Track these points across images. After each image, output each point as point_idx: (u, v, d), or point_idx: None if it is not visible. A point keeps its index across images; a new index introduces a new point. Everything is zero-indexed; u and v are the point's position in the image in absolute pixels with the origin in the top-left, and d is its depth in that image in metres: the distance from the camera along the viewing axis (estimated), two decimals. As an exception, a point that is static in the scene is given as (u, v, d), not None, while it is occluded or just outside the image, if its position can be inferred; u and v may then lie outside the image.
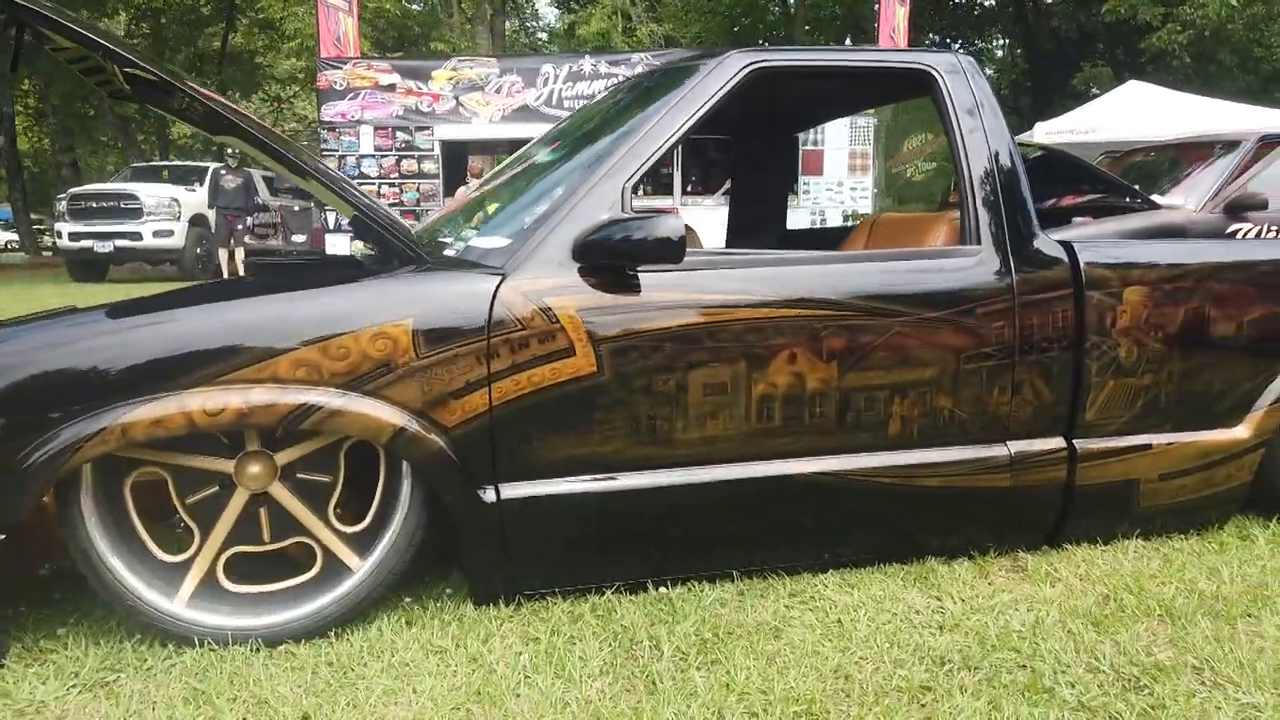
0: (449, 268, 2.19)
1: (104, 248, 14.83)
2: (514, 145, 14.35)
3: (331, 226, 14.54)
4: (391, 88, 14.59)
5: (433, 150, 14.36)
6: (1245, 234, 6.61)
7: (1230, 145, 7.29)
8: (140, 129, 27.08)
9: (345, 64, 14.65)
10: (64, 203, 15.34)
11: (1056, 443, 2.49)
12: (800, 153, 13.64)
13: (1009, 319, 2.39)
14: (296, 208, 16.43)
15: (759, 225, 3.92)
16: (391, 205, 14.39)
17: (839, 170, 13.93)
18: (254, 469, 2.04)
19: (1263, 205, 6.50)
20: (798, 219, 13.59)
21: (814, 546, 2.41)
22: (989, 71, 31.41)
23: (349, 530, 2.13)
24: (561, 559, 2.23)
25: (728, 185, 13.89)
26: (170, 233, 15.08)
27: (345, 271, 2.29)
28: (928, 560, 2.48)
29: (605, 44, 21.66)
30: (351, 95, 14.57)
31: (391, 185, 14.57)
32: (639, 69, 14.20)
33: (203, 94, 2.03)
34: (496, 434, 2.09)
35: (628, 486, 2.20)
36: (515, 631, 2.08)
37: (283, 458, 2.07)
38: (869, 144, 13.98)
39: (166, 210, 15.42)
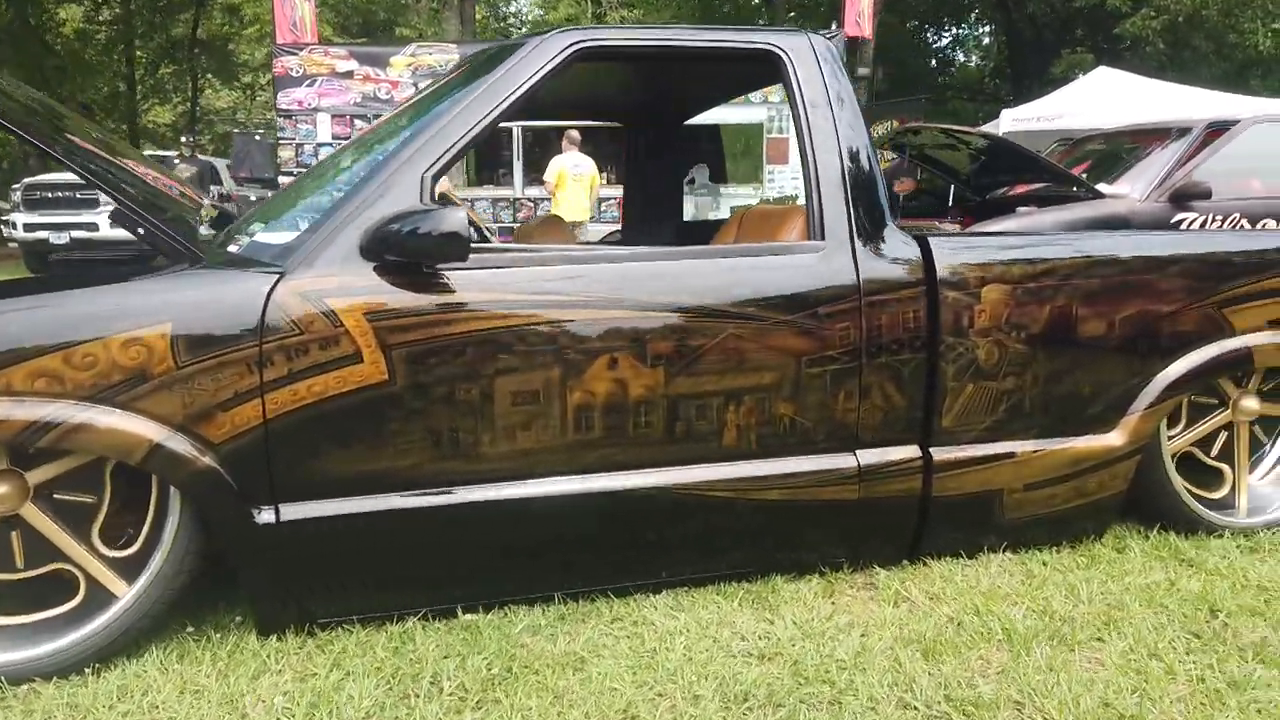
0: (225, 266, 2.00)
1: (60, 239, 14.50)
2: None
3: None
4: (349, 74, 14.26)
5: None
6: (1190, 224, 6.48)
7: (1181, 133, 7.14)
8: (109, 117, 26.62)
9: (301, 50, 14.34)
10: (18, 193, 15.00)
11: (910, 451, 2.33)
12: (765, 140, 13.49)
13: (855, 319, 2.22)
14: (254, 197, 16.13)
15: (653, 217, 3.75)
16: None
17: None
18: (1, 489, 1.86)
19: (1206, 194, 6.36)
20: (764, 209, 13.40)
21: (646, 566, 2.25)
22: (976, 59, 31.21)
23: (115, 555, 1.95)
24: (356, 585, 2.06)
25: (691, 174, 13.77)
26: None
27: (116, 271, 2.10)
28: (773, 579, 2.32)
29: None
30: (308, 82, 14.23)
31: (355, 174, 14.27)
32: (601, 55, 13.99)
33: None
34: (273, 450, 1.91)
35: (429, 505, 2.02)
36: (293, 667, 1.91)
37: (36, 476, 1.89)
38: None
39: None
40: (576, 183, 9.70)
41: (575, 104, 3.61)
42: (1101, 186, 7.11)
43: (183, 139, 14.85)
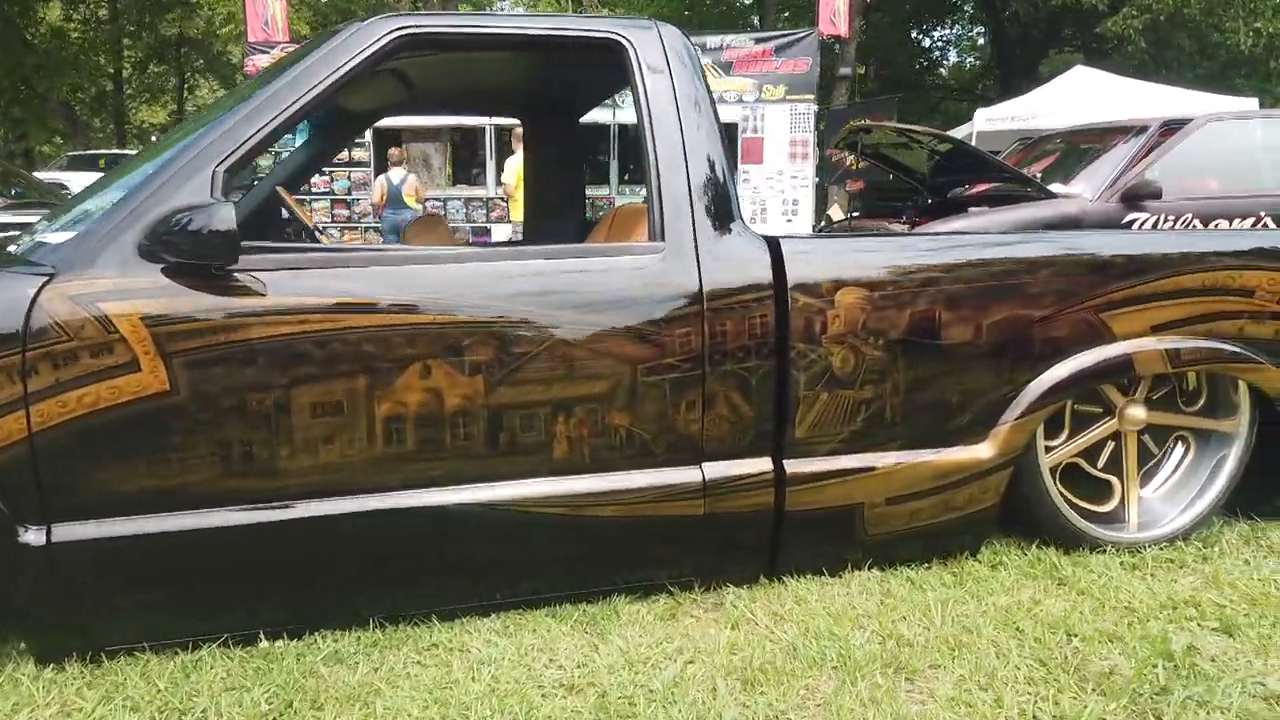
0: (-4, 267, 1.87)
1: (30, 238, 14.35)
2: (452, 131, 13.97)
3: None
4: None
5: (364, 137, 13.93)
6: (1141, 224, 6.37)
7: (1137, 132, 7.02)
8: (96, 115, 26.40)
9: (273, 49, 14.20)
10: (-10, 193, 14.85)
11: (761, 464, 2.20)
12: (740, 140, 13.37)
13: (696, 325, 2.09)
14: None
15: (554, 216, 3.61)
16: (322, 194, 14.02)
17: (779, 158, 13.59)
18: None
19: (1157, 194, 6.25)
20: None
21: (472, 588, 2.11)
22: (972, 60, 31.02)
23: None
24: (145, 610, 1.92)
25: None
26: None
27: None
28: (615, 600, 2.19)
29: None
30: (281, 81, 14.13)
31: (322, 173, 14.16)
32: (576, 52, 13.87)
33: None
34: (41, 466, 1.77)
35: (222, 524, 1.89)
36: (62, 700, 1.78)
37: None
38: (809, 131, 13.67)
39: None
40: None
41: (470, 98, 3.48)
42: (1055, 186, 7.00)
43: (152, 138, 14.69)
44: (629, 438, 2.09)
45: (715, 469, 2.16)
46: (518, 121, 11.19)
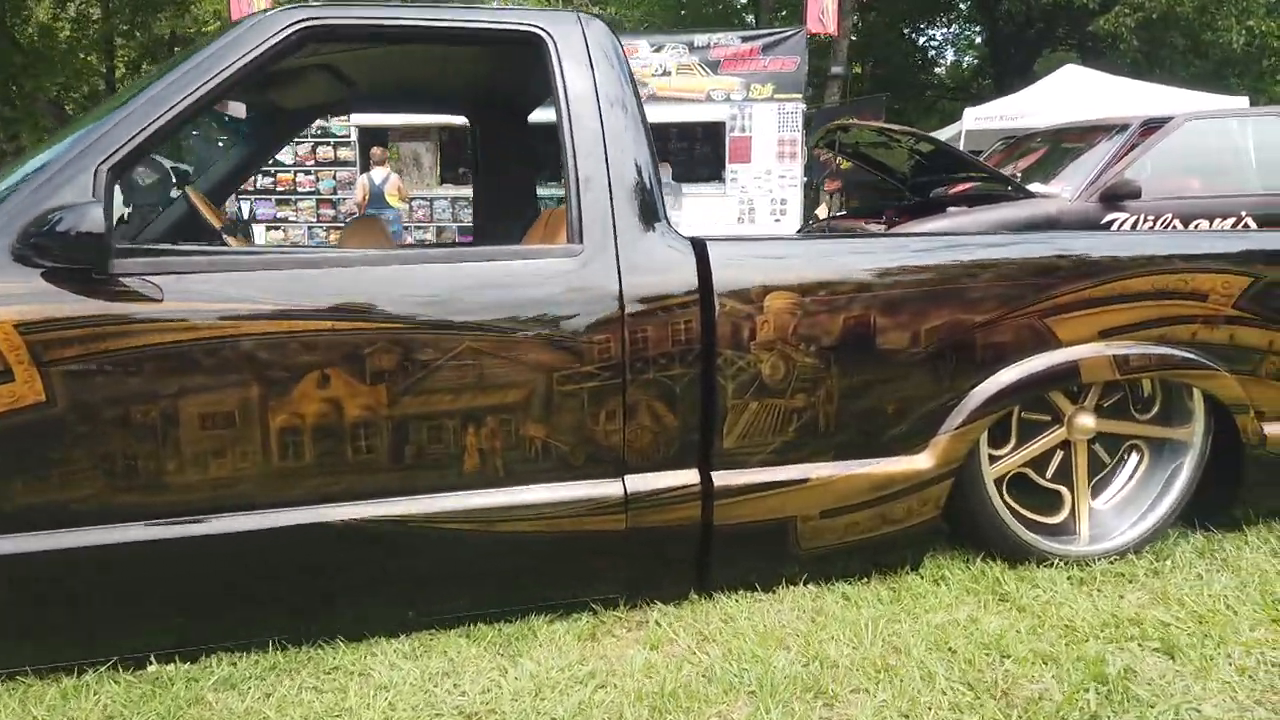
0: None
1: (8, 239, 14.24)
2: (441, 130, 13.83)
3: (245, 215, 14.07)
4: (306, 71, 14.06)
5: (349, 137, 13.85)
6: (1121, 224, 6.28)
7: (1118, 131, 6.93)
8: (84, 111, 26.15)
9: (258, 46, 14.09)
10: (-34, 191, 14.72)
11: (687, 477, 2.11)
12: (728, 139, 13.30)
13: (616, 331, 2.00)
14: (210, 196, 15.87)
15: (503, 218, 3.52)
16: (308, 193, 13.93)
17: (767, 158, 13.52)
18: None
19: (1135, 193, 6.16)
20: (726, 209, 13.24)
21: (379, 608, 2.02)
22: (971, 58, 30.86)
23: None
24: (24, 633, 1.83)
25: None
26: None
27: None
28: (535, 618, 2.10)
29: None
30: (266, 79, 14.04)
31: (307, 173, 14.09)
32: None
33: None
34: (-92, 482, 1.68)
35: (104, 542, 1.79)
36: (-74, 728, 1.69)
37: None
38: (797, 130, 13.60)
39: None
40: None
41: (412, 95, 3.38)
42: (1035, 186, 6.91)
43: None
44: (545, 450, 2.00)
45: (638, 482, 2.07)
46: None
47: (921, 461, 2.25)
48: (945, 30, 30.72)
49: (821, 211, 12.83)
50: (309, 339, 1.83)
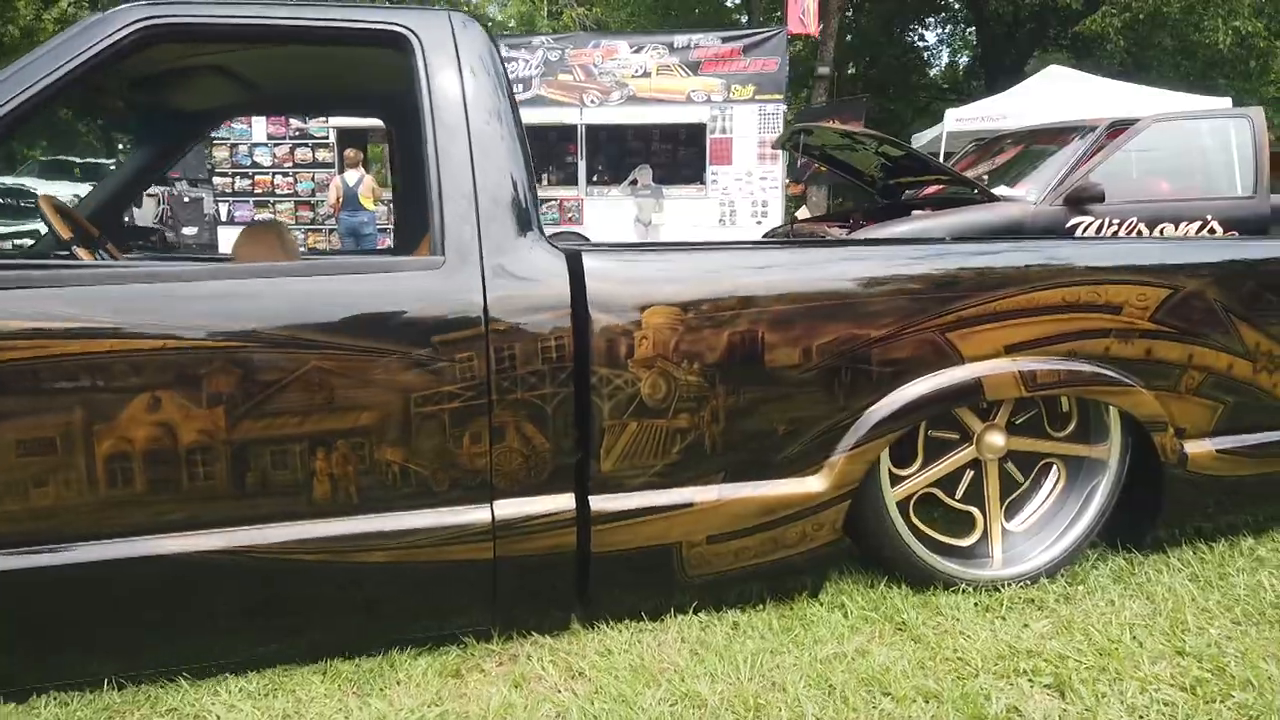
0: None
1: (-2, 248, 14.12)
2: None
3: (224, 218, 13.97)
4: (285, 73, 13.94)
5: (328, 138, 13.74)
6: (1085, 228, 6.18)
7: (1085, 133, 6.83)
8: (77, 119, 25.97)
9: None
10: (-45, 201, 14.58)
11: (562, 502, 1.99)
12: (708, 140, 13.20)
13: (480, 349, 1.89)
14: (187, 199, 15.74)
15: (419, 225, 3.40)
16: (286, 195, 13.82)
17: (748, 159, 13.42)
18: None
19: (1099, 197, 6.07)
20: (707, 211, 13.14)
21: (224, 643, 1.90)
22: (966, 58, 30.72)
23: None
24: None
25: (633, 176, 13.46)
26: None
27: None
28: (399, 653, 1.99)
29: (531, 28, 20.98)
30: (243, 80, 13.91)
31: (285, 175, 13.98)
32: (540, 52, 13.70)
33: None
34: None
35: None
36: None
37: None
38: (778, 132, 13.50)
39: (66, 206, 14.75)
40: None
41: (321, 97, 3.27)
42: (1001, 189, 6.82)
43: (118, 145, 14.45)
44: (403, 475, 1.89)
45: (507, 508, 1.96)
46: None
47: (815, 483, 2.14)
48: (939, 31, 30.68)
49: (803, 213, 12.74)
50: (139, 359, 1.72)
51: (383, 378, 1.84)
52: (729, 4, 27.32)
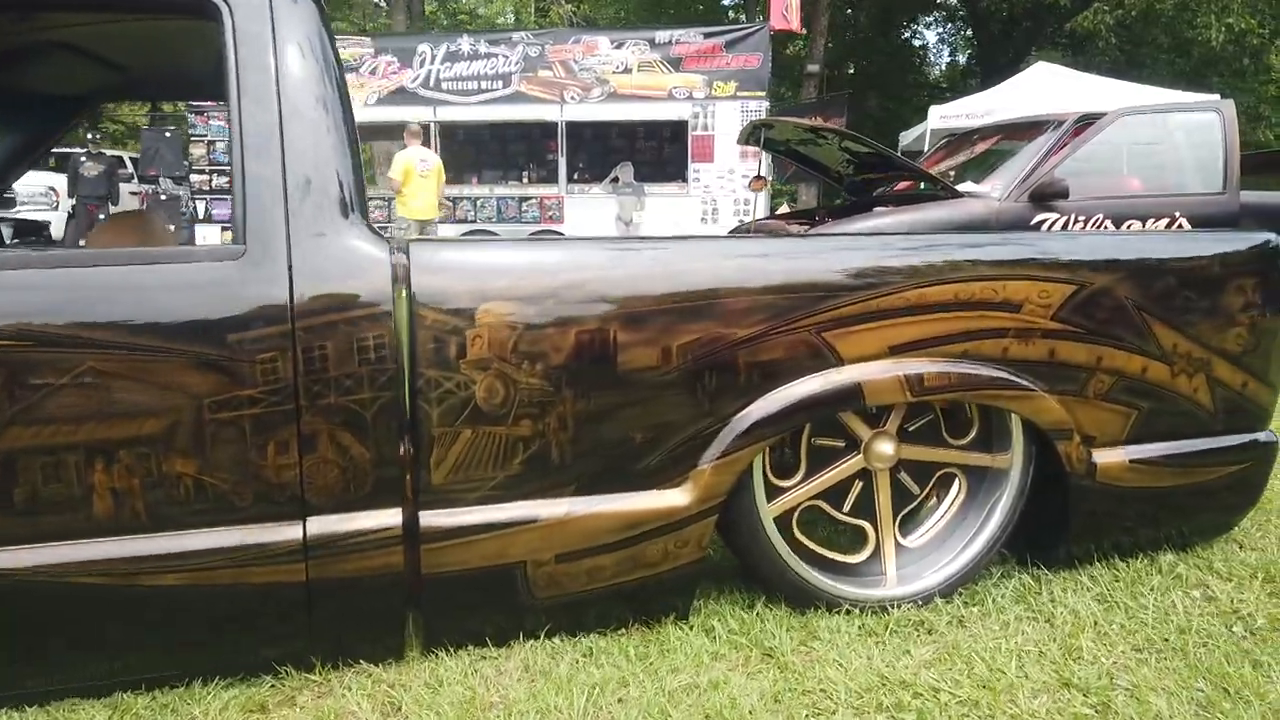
0: None
1: None
2: (394, 129, 13.51)
3: (201, 216, 13.80)
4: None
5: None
6: (1051, 225, 6.00)
7: (1055, 127, 6.64)
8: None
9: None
10: None
11: (386, 518, 1.81)
12: (690, 138, 13.03)
13: (285, 348, 1.71)
14: (164, 196, 15.56)
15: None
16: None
17: (730, 156, 13.25)
18: None
19: (1063, 193, 5.87)
20: (689, 209, 12.96)
21: None
22: (960, 59, 30.47)
23: None
24: None
25: (614, 173, 13.27)
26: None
27: None
28: (204, 684, 1.80)
29: (518, 24, 20.79)
30: (220, 76, 13.74)
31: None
32: (520, 48, 13.51)
33: None
34: None
35: None
36: None
37: None
38: (761, 130, 13.23)
39: (43, 199, 14.63)
40: (423, 179, 9.12)
41: (198, 82, 3.08)
42: (967, 185, 6.63)
43: (87, 135, 14.26)
44: (198, 489, 1.70)
45: (322, 525, 1.77)
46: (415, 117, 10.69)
47: (678, 496, 1.95)
48: (939, 30, 30.48)
49: (784, 210, 12.56)
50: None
51: (171, 380, 1.66)
52: (725, 2, 27.07)
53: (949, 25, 30.35)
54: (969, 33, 29.47)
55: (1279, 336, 2.35)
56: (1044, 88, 12.81)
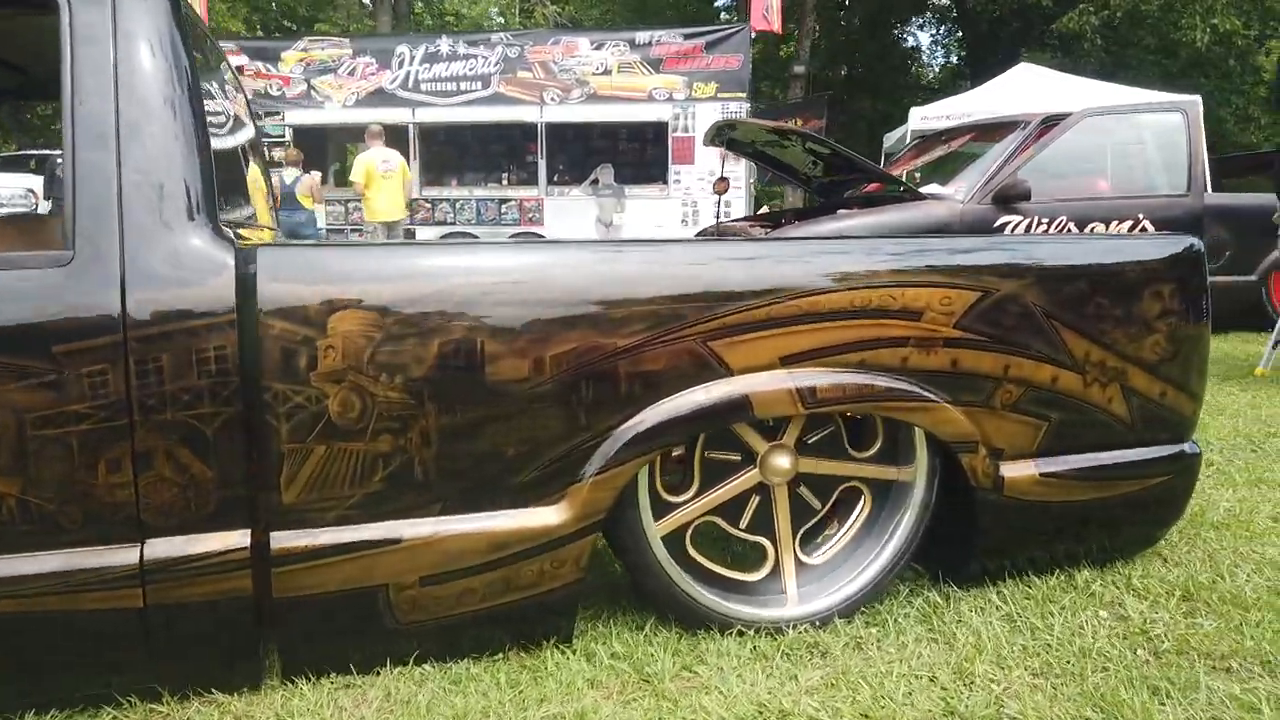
0: None
1: None
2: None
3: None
4: (239, 70, 13.67)
5: (284, 137, 13.45)
6: (1014, 227, 5.92)
7: (1022, 128, 6.56)
8: (36, 114, 25.52)
9: (189, 43, 13.71)
10: (-97, 194, 14.31)
11: (234, 539, 1.70)
12: (670, 139, 12.95)
13: (117, 360, 1.61)
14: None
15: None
16: (241, 195, 13.50)
17: (711, 158, 13.15)
18: None
19: (1025, 195, 5.80)
20: (670, 211, 12.88)
21: None
22: (952, 60, 30.42)
23: None
24: None
25: (594, 175, 13.18)
26: None
27: None
28: (33, 716, 1.70)
29: (505, 26, 20.69)
30: (197, 78, 13.63)
31: (242, 174, 13.65)
32: (499, 49, 13.42)
33: None
34: None
35: None
36: None
37: None
38: (744, 131, 13.15)
39: (21, 201, 14.52)
40: (386, 180, 9.03)
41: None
42: (933, 187, 6.56)
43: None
44: (21, 509, 1.60)
45: (161, 547, 1.67)
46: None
47: (554, 514, 1.85)
48: (934, 32, 30.46)
49: (764, 211, 12.46)
50: None
51: (-9, 396, 1.56)
52: (719, 3, 26.98)
53: (941, 27, 30.35)
54: (957, 39, 29.46)
55: (1199, 344, 2.26)
56: (1026, 89, 12.76)
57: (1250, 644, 1.91)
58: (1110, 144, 6.12)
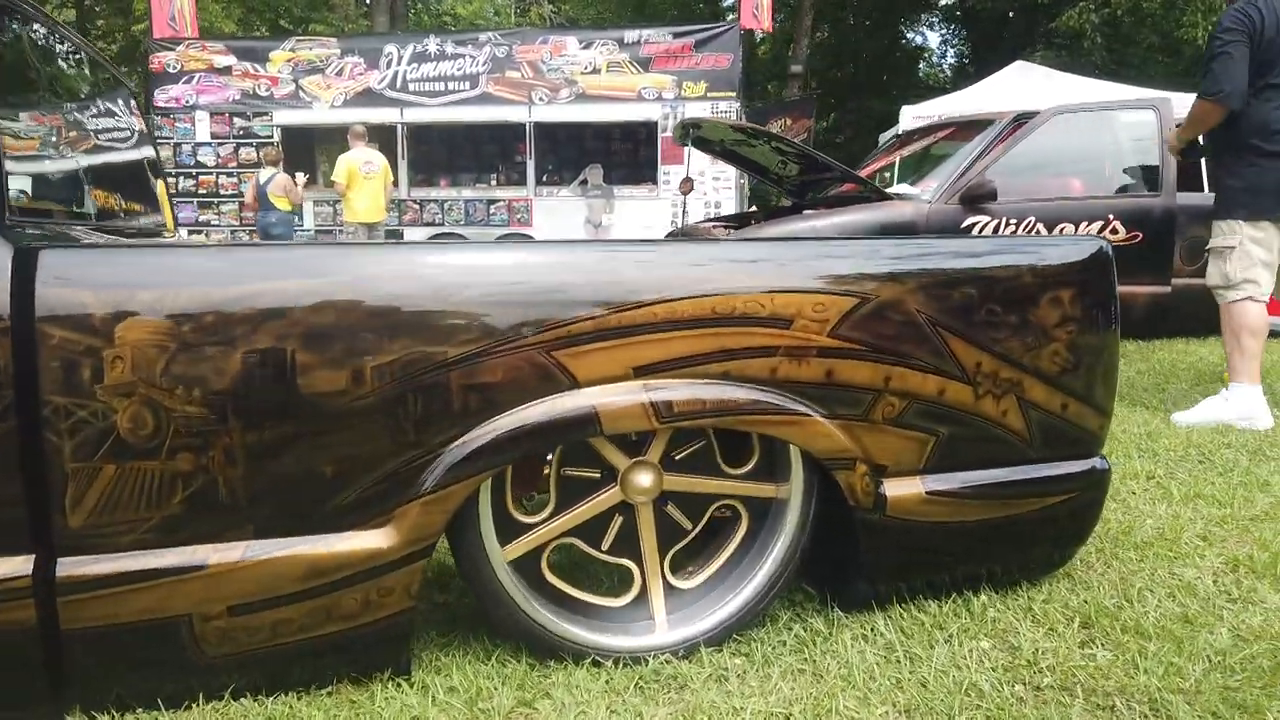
0: None
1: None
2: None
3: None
4: (228, 70, 13.61)
5: (273, 137, 13.37)
6: (981, 228, 5.76)
7: (993, 126, 6.40)
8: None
9: (179, 45, 13.68)
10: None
11: (13, 566, 1.56)
12: (659, 139, 12.82)
13: None
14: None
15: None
16: (230, 196, 13.47)
17: (701, 159, 12.97)
18: None
19: (992, 195, 5.63)
20: (659, 212, 12.74)
21: None
22: (955, 59, 30.16)
23: None
24: None
25: (583, 175, 13.05)
26: None
27: None
28: None
29: (502, 25, 20.58)
30: (185, 78, 13.59)
31: (230, 175, 13.65)
32: (487, 49, 13.30)
33: None
34: None
35: None
36: None
37: None
38: (736, 132, 13.01)
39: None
40: (368, 180, 8.94)
41: None
42: (903, 187, 6.40)
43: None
44: None
45: (-71, 575, 1.54)
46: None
47: (378, 539, 1.71)
48: (943, 31, 30.26)
49: (752, 209, 12.31)
50: None
51: None
52: (726, 2, 26.80)
53: (946, 26, 30.14)
54: (962, 39, 29.23)
55: (1105, 354, 2.10)
56: (1020, 87, 12.58)
57: (1142, 679, 1.76)
58: (1082, 142, 5.95)
